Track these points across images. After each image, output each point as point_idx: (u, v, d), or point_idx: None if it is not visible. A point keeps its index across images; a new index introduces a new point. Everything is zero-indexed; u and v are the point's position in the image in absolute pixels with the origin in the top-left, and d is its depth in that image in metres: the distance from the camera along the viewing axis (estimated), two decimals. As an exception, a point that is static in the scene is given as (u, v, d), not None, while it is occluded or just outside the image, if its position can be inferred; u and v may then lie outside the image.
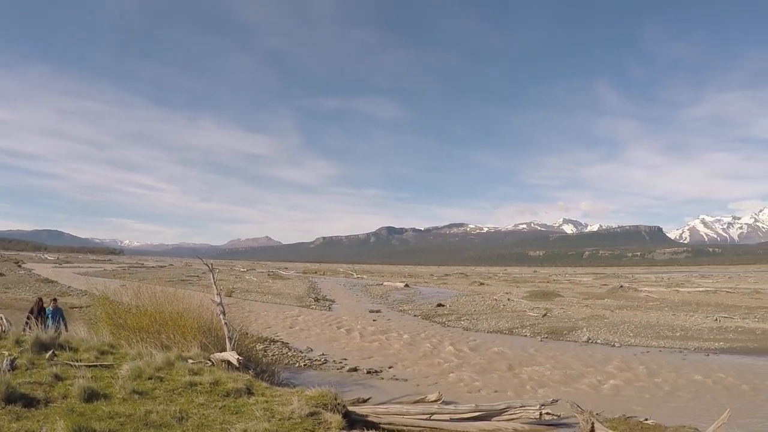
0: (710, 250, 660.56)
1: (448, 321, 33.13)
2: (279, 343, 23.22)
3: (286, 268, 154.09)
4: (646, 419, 12.87)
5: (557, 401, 12.76)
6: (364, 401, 12.72)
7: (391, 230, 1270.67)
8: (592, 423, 11.09)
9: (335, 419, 9.78)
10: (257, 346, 19.29)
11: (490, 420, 11.70)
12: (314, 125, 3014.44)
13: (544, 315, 34.94)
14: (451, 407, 11.83)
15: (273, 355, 20.07)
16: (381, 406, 11.89)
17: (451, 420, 11.43)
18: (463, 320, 33.28)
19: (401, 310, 39.51)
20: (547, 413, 11.91)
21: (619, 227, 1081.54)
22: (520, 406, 12.01)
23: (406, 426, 11.26)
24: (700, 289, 62.86)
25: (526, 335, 28.16)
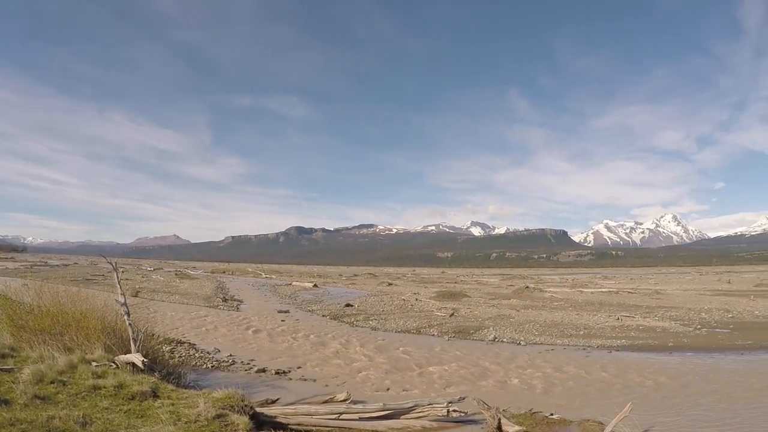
0: (613, 253, 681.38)
1: (357, 321, 33.10)
2: (186, 344, 22.67)
3: (195, 267, 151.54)
4: (552, 414, 13.29)
5: (464, 398, 13.03)
6: (273, 402, 12.66)
7: (300, 230, 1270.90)
8: (499, 419, 11.36)
9: (242, 421, 9.73)
10: (163, 347, 18.87)
11: (398, 418, 11.86)
12: (226, 122, 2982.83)
13: (452, 315, 35.27)
14: (359, 406, 11.90)
15: (180, 357, 19.62)
16: (289, 407, 11.87)
17: (360, 419, 11.50)
18: (372, 320, 33.31)
19: (310, 311, 39.28)
20: (455, 410, 12.20)
21: (525, 230, 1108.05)
22: (428, 404, 12.24)
23: (315, 426, 11.28)
24: (603, 289, 64.67)
25: (433, 335, 28.33)
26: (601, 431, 11.84)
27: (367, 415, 11.63)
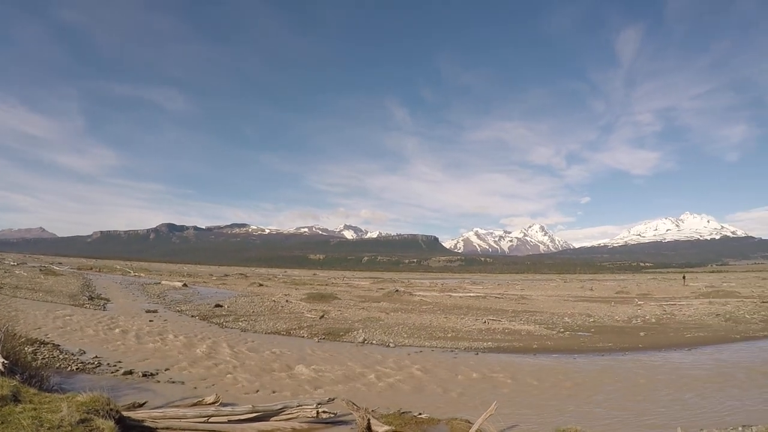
0: (482, 259, 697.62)
1: (227, 322, 32.80)
2: (50, 345, 21.72)
3: (61, 263, 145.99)
4: (420, 413, 13.63)
5: (334, 400, 13.31)
6: (140, 406, 12.52)
7: (172, 227, 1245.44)
8: (368, 419, 11.61)
9: (108, 426, 9.57)
10: (26, 348, 18.16)
11: (268, 420, 11.94)
12: (101, 110, 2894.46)
13: (322, 317, 35.43)
14: (228, 409, 11.92)
15: (43, 359, 18.86)
16: (157, 411, 11.75)
17: (230, 422, 11.54)
18: (242, 321, 33.06)
19: (179, 311, 38.60)
20: (324, 411, 12.35)
21: (397, 235, 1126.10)
22: (298, 406, 12.33)
23: (184, 430, 11.22)
24: (471, 294, 65.93)
25: (303, 336, 28.44)
26: (469, 429, 12.23)
27: (237, 418, 11.67)
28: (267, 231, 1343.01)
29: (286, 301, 47.03)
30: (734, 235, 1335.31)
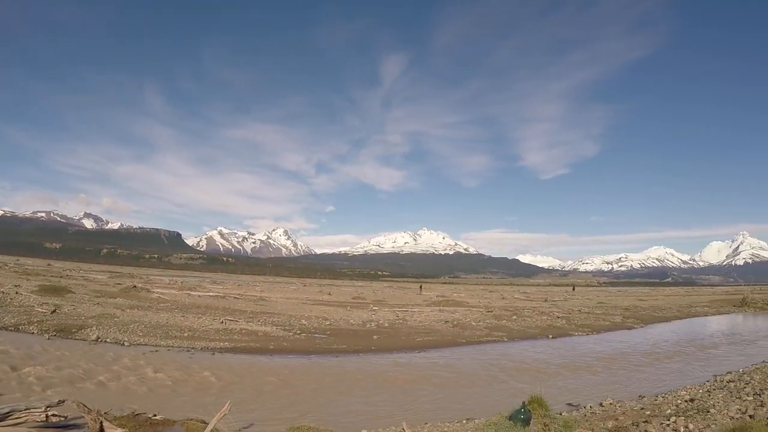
0: (225, 259, 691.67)
1: (-55, 316, 30.47)
2: None
3: None
4: (155, 415, 13.67)
5: (64, 402, 12.89)
6: None
7: None
8: (101, 422, 11.50)
9: None
10: None
11: (-7, 426, 11.47)
12: None
13: (54, 311, 33.83)
14: (-52, 415, 11.34)
15: None
16: None
17: (-50, 429, 10.99)
18: (-36, 315, 30.87)
19: None
20: (54, 415, 12.04)
21: (139, 228, 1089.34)
22: (25, 409, 11.90)
23: None
24: (211, 294, 65.63)
25: (33, 332, 27.14)
26: (204, 430, 12.46)
27: (-42, 424, 11.16)
28: (0, 212, 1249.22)
29: (16, 292, 44.30)
30: (466, 252, 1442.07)
